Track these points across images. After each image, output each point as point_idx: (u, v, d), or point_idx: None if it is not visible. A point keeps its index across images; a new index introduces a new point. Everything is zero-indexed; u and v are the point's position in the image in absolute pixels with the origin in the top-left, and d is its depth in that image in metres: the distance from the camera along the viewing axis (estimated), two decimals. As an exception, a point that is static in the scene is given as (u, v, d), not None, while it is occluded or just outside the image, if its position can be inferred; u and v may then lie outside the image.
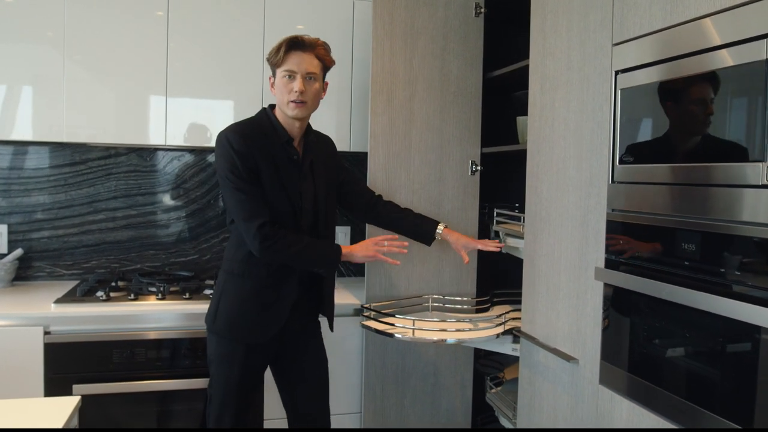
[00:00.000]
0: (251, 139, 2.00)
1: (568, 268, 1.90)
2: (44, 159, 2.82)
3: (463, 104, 2.57)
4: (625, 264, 1.65)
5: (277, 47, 2.02)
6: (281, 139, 2.05)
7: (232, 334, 2.05)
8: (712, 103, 1.39)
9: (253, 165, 1.98)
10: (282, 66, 2.01)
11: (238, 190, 1.98)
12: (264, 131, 2.05)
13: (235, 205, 2.00)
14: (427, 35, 2.53)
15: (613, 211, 1.70)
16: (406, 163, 2.52)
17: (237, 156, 1.97)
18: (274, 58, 2.02)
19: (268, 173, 2.00)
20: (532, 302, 2.12)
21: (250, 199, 1.98)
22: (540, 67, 2.07)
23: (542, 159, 2.05)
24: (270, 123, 2.07)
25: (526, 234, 2.15)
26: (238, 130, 2.01)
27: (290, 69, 2.01)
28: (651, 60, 1.55)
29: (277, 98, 2.06)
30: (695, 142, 1.45)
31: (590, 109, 1.79)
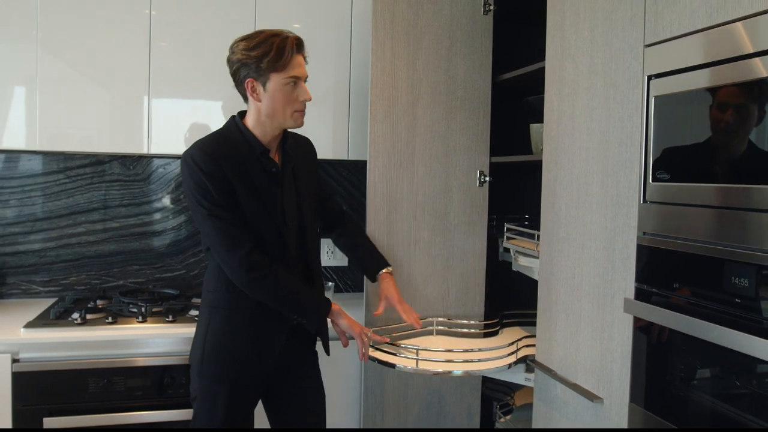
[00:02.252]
0: (221, 158, 1.77)
1: (590, 296, 1.70)
2: (19, 167, 2.62)
3: (470, 110, 2.37)
4: (660, 296, 1.44)
5: (279, 48, 1.77)
6: (255, 151, 1.83)
7: (225, 376, 1.85)
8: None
9: (227, 186, 1.76)
10: (285, 71, 1.79)
11: (213, 216, 1.76)
12: (235, 145, 1.82)
13: (213, 234, 1.78)
14: (431, 35, 2.32)
15: (644, 234, 1.50)
16: (409, 174, 2.32)
17: (207, 178, 1.74)
18: (275, 62, 1.77)
19: (245, 193, 1.79)
20: (548, 330, 1.92)
21: (228, 226, 1.77)
22: (558, 69, 1.87)
23: (560, 172, 1.85)
24: (241, 135, 1.84)
25: (542, 254, 1.95)
26: (204, 149, 1.78)
27: (296, 75, 1.81)
28: (693, 64, 1.35)
29: (269, 108, 1.82)
30: (748, 160, 1.25)
31: (617, 118, 1.59)
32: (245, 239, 1.77)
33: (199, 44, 2.41)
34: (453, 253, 2.37)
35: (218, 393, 1.83)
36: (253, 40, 1.79)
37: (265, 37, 1.78)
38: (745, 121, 1.25)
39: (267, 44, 1.77)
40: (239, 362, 1.85)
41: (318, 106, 2.54)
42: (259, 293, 1.80)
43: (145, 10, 2.35)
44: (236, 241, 1.76)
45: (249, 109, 1.87)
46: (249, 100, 1.84)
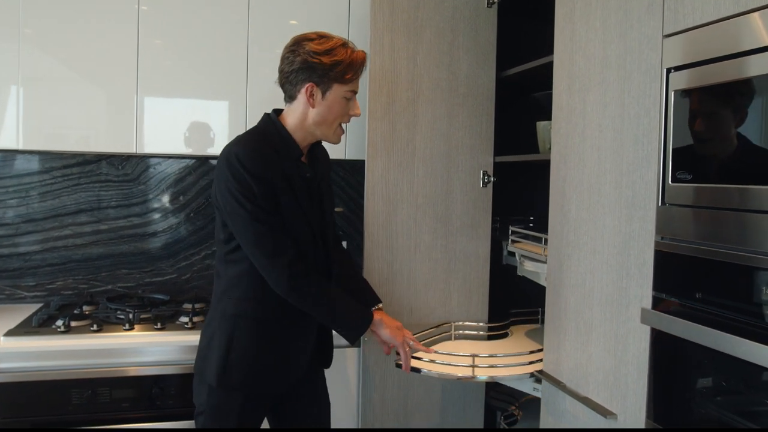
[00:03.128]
0: (267, 158, 1.67)
1: (603, 304, 1.60)
2: (1, 167, 2.51)
3: (473, 107, 2.26)
4: (680, 306, 1.34)
5: (352, 60, 1.70)
6: (293, 155, 1.74)
7: (252, 389, 1.75)
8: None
9: (271, 190, 1.66)
10: (350, 84, 1.72)
11: (256, 221, 1.64)
12: (275, 146, 1.72)
13: (254, 239, 1.66)
14: (432, 28, 2.22)
15: (662, 239, 1.39)
16: (409, 174, 2.21)
17: (253, 180, 1.63)
18: (344, 73, 1.69)
19: (286, 197, 1.69)
20: (556, 340, 1.81)
21: (271, 231, 1.66)
22: (567, 64, 1.76)
23: (570, 172, 1.74)
24: (279, 135, 1.74)
25: (550, 259, 1.85)
26: (251, 147, 1.67)
27: (356, 90, 1.74)
28: (717, 55, 1.24)
29: (321, 116, 1.72)
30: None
31: (633, 115, 1.49)
32: (287, 245, 1.67)
33: (191, 41, 2.31)
34: (455, 256, 2.27)
35: (233, 406, 1.72)
36: (323, 44, 1.69)
37: (337, 45, 1.70)
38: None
39: (341, 53, 1.69)
40: (267, 374, 1.76)
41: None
42: (301, 302, 1.70)
43: (134, 6, 2.24)
44: (279, 248, 1.66)
45: (292, 110, 1.75)
46: (297, 103, 1.74)
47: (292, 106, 1.75)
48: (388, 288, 2.19)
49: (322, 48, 1.68)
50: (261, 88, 2.34)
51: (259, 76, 2.34)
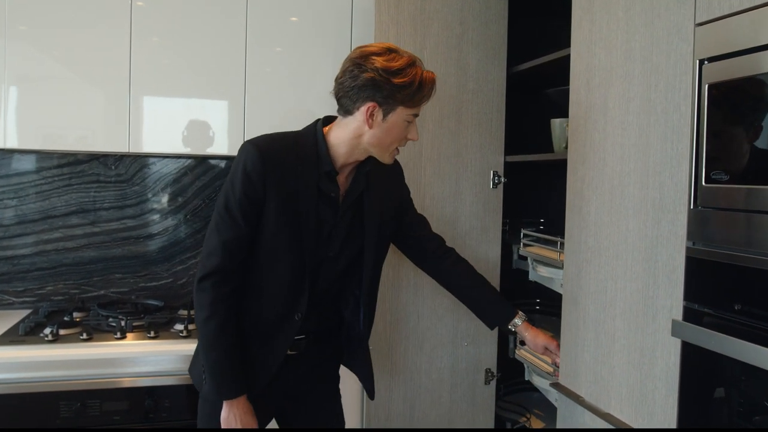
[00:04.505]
0: (275, 163, 1.55)
1: (626, 314, 1.49)
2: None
3: (483, 104, 2.15)
4: (714, 318, 1.23)
5: (421, 83, 1.53)
6: (322, 168, 1.60)
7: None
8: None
9: (259, 198, 1.55)
10: (416, 108, 1.58)
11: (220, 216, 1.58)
12: (302, 155, 1.59)
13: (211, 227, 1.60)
14: (440, 21, 2.11)
15: (694, 245, 1.28)
16: (416, 175, 2.10)
17: (244, 179, 1.54)
18: (412, 97, 1.54)
19: (278, 215, 1.57)
20: (573, 350, 1.70)
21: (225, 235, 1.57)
22: (586, 57, 1.66)
23: (589, 172, 1.63)
24: (314, 145, 1.61)
25: (567, 264, 1.74)
26: (263, 146, 1.56)
27: (418, 113, 1.60)
28: (757, 44, 1.13)
29: (378, 138, 1.57)
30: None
31: (660, 110, 1.38)
32: (233, 261, 1.58)
33: (186, 38, 2.20)
34: (464, 261, 2.15)
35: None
36: (393, 60, 1.52)
37: (408, 64, 1.53)
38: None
39: (411, 74, 1.53)
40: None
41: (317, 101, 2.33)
42: (199, 308, 1.58)
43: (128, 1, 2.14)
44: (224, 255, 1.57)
45: (345, 125, 1.59)
46: (352, 119, 1.57)
47: (346, 121, 1.59)
48: (393, 294, 2.09)
49: (392, 66, 1.51)
50: (259, 86, 2.24)
51: (258, 75, 2.24)
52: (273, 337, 1.65)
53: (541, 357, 1.97)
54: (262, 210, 1.57)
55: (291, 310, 1.64)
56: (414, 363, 2.11)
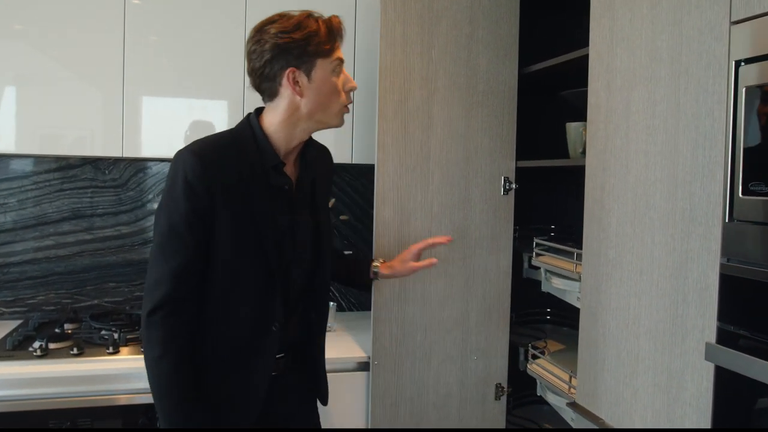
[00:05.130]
0: (218, 169, 1.42)
1: (652, 333, 1.39)
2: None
3: (494, 106, 2.05)
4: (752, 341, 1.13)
5: (327, 27, 1.46)
6: (268, 163, 1.48)
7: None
8: None
9: (206, 210, 1.41)
10: (335, 54, 1.48)
11: (163, 240, 1.42)
12: (244, 154, 1.47)
13: (154, 252, 1.44)
14: (449, 19, 2.01)
15: (729, 261, 1.18)
16: (423, 181, 2.00)
17: (186, 191, 1.39)
18: (324, 44, 1.45)
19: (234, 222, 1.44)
20: (592, 369, 1.60)
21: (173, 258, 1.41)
22: (606, 57, 1.56)
23: (610, 180, 1.53)
24: (254, 141, 1.49)
25: (585, 277, 1.64)
26: (201, 152, 1.42)
27: (342, 58, 1.50)
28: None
29: (315, 103, 1.48)
30: None
31: (690, 115, 1.28)
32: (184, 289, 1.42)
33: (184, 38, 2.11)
34: (474, 271, 2.06)
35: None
36: (287, 21, 1.45)
37: (303, 17, 1.46)
38: None
39: (311, 24, 1.45)
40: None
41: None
42: (149, 347, 1.42)
43: None
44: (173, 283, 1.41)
45: (275, 108, 1.50)
46: (281, 98, 1.48)
47: (275, 103, 1.49)
48: (400, 306, 1.98)
49: (288, 25, 1.44)
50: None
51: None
52: (253, 356, 1.50)
53: (557, 374, 1.87)
54: (212, 223, 1.42)
55: (266, 321, 1.49)
56: (421, 378, 2.01)
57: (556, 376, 1.87)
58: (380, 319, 1.97)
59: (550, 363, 1.95)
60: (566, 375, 1.80)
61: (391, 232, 1.97)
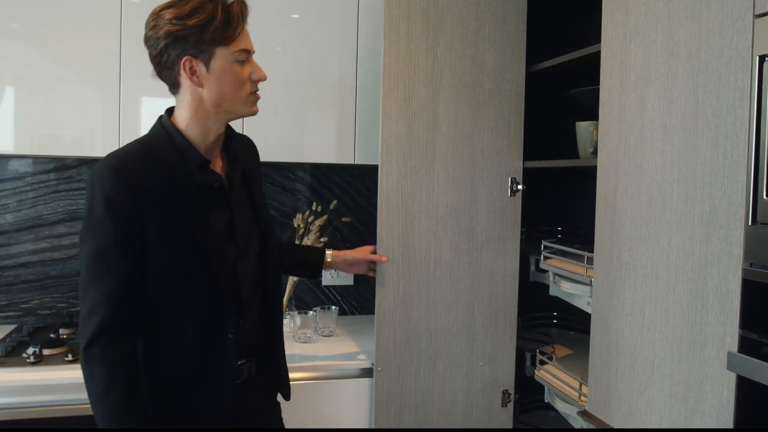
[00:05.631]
0: (138, 179, 1.32)
1: (668, 340, 1.33)
2: (-28, 173, 2.26)
3: (501, 105, 2.00)
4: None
5: (225, 12, 1.35)
6: (191, 163, 1.40)
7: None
8: None
9: (133, 225, 1.32)
10: (236, 43, 1.38)
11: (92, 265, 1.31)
12: (163, 158, 1.38)
13: (84, 280, 1.33)
14: (454, 15, 1.95)
15: (752, 266, 1.13)
16: (428, 182, 1.95)
17: (110, 209, 1.30)
18: (224, 32, 1.35)
19: (165, 232, 1.35)
20: (604, 376, 1.55)
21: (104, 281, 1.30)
22: (619, 54, 1.50)
23: (623, 180, 1.48)
24: (170, 143, 1.40)
25: (597, 282, 1.58)
26: (117, 165, 1.32)
27: (247, 48, 1.40)
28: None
29: (216, 94, 1.39)
30: None
31: (710, 113, 1.22)
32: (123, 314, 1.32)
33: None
34: (480, 274, 2.00)
35: None
36: (184, 5, 1.35)
37: (200, 2, 1.35)
38: None
39: (209, 9, 1.35)
40: None
41: (320, 103, 2.19)
42: (91, 383, 1.31)
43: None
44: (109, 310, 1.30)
45: (182, 101, 1.42)
46: (184, 89, 1.40)
47: (180, 96, 1.42)
48: (404, 311, 1.93)
49: (185, 10, 1.34)
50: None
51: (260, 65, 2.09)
52: (215, 368, 1.42)
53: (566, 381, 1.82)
54: (142, 237, 1.33)
55: (220, 329, 1.42)
56: (426, 385, 1.95)
57: (566, 383, 1.81)
58: (384, 324, 1.92)
59: (558, 369, 1.90)
60: (576, 382, 1.74)
61: (395, 235, 1.92)
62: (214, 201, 1.44)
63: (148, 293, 1.37)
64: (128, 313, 1.33)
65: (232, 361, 1.43)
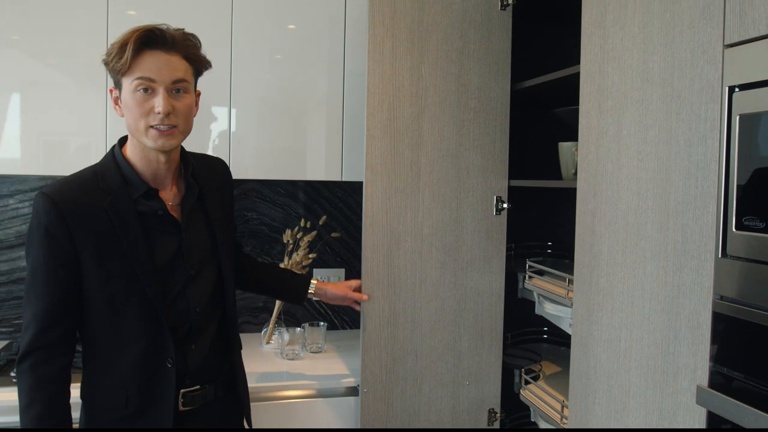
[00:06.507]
0: (74, 207, 1.37)
1: (643, 369, 1.32)
2: (-37, 190, 2.28)
3: (486, 124, 1.99)
4: (747, 385, 1.06)
5: (121, 45, 1.36)
6: (135, 192, 1.43)
7: None
8: None
9: (67, 253, 1.37)
10: (132, 73, 1.38)
11: (28, 285, 1.40)
12: (109, 187, 1.41)
13: (24, 294, 1.41)
14: (439, 34, 1.95)
15: (721, 299, 1.12)
16: (414, 201, 1.94)
17: (43, 237, 1.36)
18: (116, 62, 1.36)
19: (100, 260, 1.39)
20: (584, 400, 1.54)
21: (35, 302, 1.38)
22: (597, 76, 1.49)
23: (601, 206, 1.47)
24: (117, 170, 1.44)
25: (576, 305, 1.57)
26: (54, 195, 1.36)
27: (146, 76, 1.37)
28: (801, 71, 0.97)
29: (128, 124, 1.42)
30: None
31: (683, 142, 1.21)
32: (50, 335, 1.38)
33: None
34: (465, 294, 1.99)
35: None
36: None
37: (125, 33, 1.38)
38: None
39: (116, 42, 1.38)
40: None
41: (308, 121, 2.20)
42: (18, 395, 1.39)
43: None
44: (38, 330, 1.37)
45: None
46: None
47: None
48: (390, 331, 1.92)
49: (111, 47, 1.40)
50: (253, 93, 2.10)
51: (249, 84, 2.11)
52: (151, 397, 1.44)
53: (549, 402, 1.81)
54: (78, 267, 1.38)
55: (158, 358, 1.44)
56: (412, 406, 1.95)
57: (548, 404, 1.80)
58: (370, 345, 1.91)
59: (542, 390, 1.89)
60: (558, 404, 1.73)
61: (381, 255, 1.91)
62: (161, 228, 1.46)
63: (87, 318, 1.42)
64: (57, 336, 1.39)
65: (169, 391, 1.45)
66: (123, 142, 1.50)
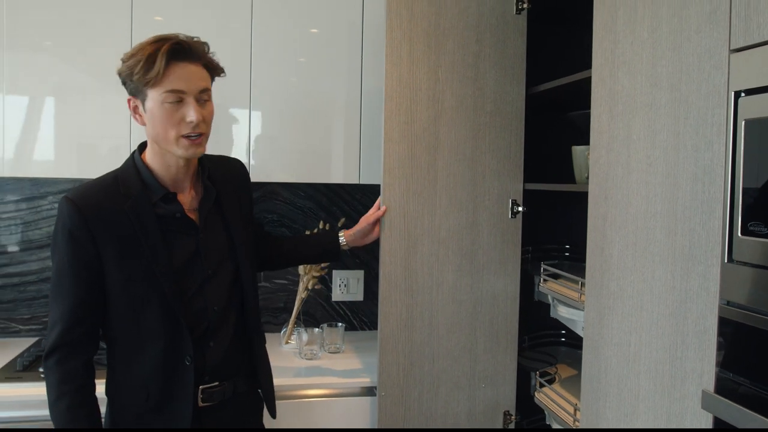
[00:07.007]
0: (97, 211, 1.44)
1: (652, 373, 1.32)
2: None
3: (502, 127, 2.00)
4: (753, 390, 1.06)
5: (148, 57, 1.40)
6: (154, 195, 1.49)
7: None
8: None
9: (91, 257, 1.44)
10: (162, 85, 1.42)
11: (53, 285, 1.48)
12: (129, 191, 1.48)
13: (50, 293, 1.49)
14: (456, 38, 1.96)
15: (728, 304, 1.12)
16: (431, 205, 1.96)
17: (68, 240, 1.43)
18: (146, 75, 1.40)
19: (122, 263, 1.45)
20: (595, 403, 1.54)
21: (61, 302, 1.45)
22: (608, 81, 1.49)
23: (612, 210, 1.47)
24: (137, 176, 1.50)
25: (588, 309, 1.58)
26: (78, 200, 1.44)
27: (177, 89, 1.42)
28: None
29: (152, 133, 1.48)
30: None
31: (690, 146, 1.21)
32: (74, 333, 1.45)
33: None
34: (482, 296, 2.00)
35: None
36: (134, 47, 1.46)
37: (144, 44, 1.44)
38: None
39: (139, 52, 1.42)
40: None
41: (326, 124, 2.23)
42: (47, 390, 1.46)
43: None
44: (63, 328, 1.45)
45: (147, 136, 1.53)
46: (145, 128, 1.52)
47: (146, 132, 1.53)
48: (407, 335, 1.94)
49: (129, 52, 1.45)
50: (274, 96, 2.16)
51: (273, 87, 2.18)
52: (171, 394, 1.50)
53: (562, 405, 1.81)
54: (101, 268, 1.45)
55: (178, 356, 1.50)
56: (429, 409, 1.96)
57: (561, 407, 1.80)
58: (387, 349, 1.93)
59: (556, 393, 1.89)
60: (571, 407, 1.73)
61: (398, 259, 1.93)
62: (180, 230, 1.52)
63: (109, 318, 1.49)
64: (82, 333, 1.45)
65: (188, 388, 1.50)
66: (142, 148, 1.55)
